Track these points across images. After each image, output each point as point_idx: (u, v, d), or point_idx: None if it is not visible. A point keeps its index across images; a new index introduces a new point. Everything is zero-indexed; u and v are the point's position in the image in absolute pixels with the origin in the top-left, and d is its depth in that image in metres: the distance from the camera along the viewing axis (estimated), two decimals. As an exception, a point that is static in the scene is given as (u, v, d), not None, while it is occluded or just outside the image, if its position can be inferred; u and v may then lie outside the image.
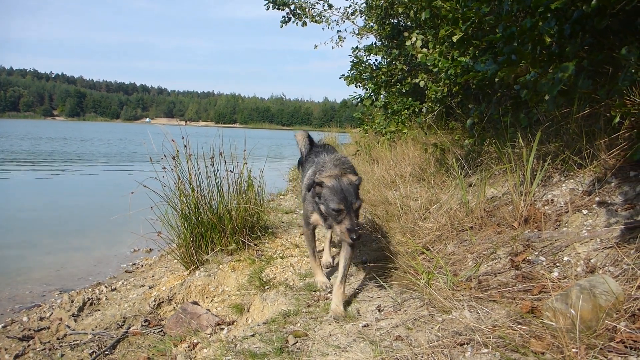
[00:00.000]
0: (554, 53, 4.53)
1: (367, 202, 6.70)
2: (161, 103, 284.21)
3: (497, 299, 3.20)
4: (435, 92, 9.00)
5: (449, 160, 6.46)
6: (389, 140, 10.75)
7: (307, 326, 3.70)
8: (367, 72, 13.75)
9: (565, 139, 4.52)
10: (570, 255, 3.36)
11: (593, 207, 3.70)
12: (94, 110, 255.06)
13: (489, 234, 4.11)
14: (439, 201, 5.16)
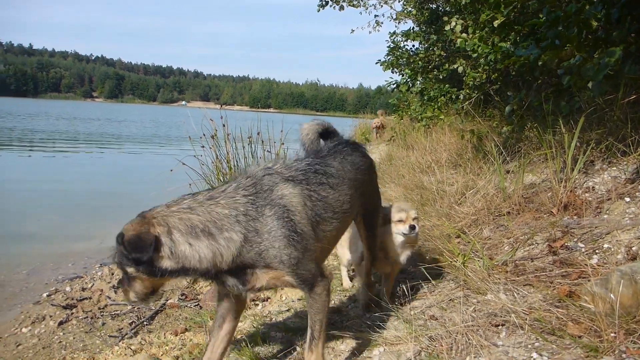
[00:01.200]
0: (601, 38, 4.43)
1: (402, 186, 6.69)
2: (197, 86, 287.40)
3: (533, 283, 3.19)
4: (474, 79, 8.87)
5: (486, 146, 6.39)
6: (425, 126, 10.66)
7: (342, 303, 3.76)
8: (404, 57, 13.63)
9: (609, 126, 4.43)
10: (611, 243, 3.32)
11: (636, 195, 3.63)
12: (132, 93, 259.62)
13: (526, 220, 4.08)
14: (475, 186, 5.13)
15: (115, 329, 4.76)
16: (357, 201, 3.20)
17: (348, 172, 3.13)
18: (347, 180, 3.08)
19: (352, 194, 3.10)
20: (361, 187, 3.25)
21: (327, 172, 2.97)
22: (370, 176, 3.49)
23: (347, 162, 3.19)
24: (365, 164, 3.39)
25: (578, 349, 2.47)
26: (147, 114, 73.53)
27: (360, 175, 3.26)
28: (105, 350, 4.05)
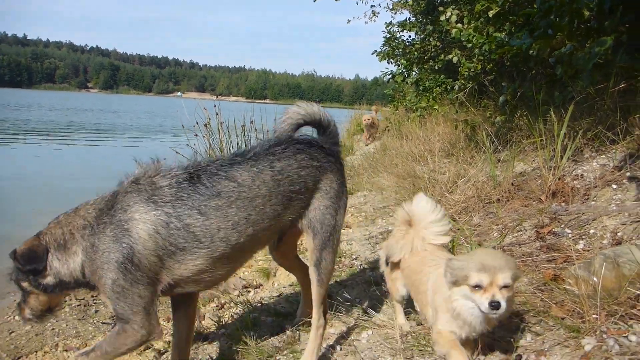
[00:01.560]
0: (592, 27, 4.45)
1: (395, 175, 6.73)
2: (193, 77, 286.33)
3: (520, 267, 3.24)
4: (469, 69, 8.89)
5: (479, 136, 6.43)
6: (420, 116, 10.69)
7: (332, 289, 3.79)
8: (400, 48, 13.62)
9: (599, 115, 4.47)
10: (597, 229, 3.36)
11: (623, 182, 3.68)
12: (127, 83, 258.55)
13: (515, 207, 4.12)
14: (467, 175, 5.17)
15: (107, 316, 4.79)
16: (283, 220, 2.65)
17: (268, 184, 2.54)
18: (256, 197, 2.50)
19: (265, 213, 2.54)
20: (300, 200, 2.69)
21: (213, 189, 2.44)
22: (327, 185, 2.79)
23: (272, 171, 2.58)
24: (316, 171, 2.75)
25: (561, 330, 2.52)
26: (142, 105, 73.23)
27: (297, 187, 2.65)
28: (98, 336, 4.09)
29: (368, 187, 7.21)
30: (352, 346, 2.90)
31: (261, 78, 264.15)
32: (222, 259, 2.47)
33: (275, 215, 2.59)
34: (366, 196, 6.87)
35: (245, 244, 2.51)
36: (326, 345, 2.96)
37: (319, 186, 2.76)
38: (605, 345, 2.30)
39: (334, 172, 2.85)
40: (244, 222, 2.46)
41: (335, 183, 2.83)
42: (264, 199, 2.52)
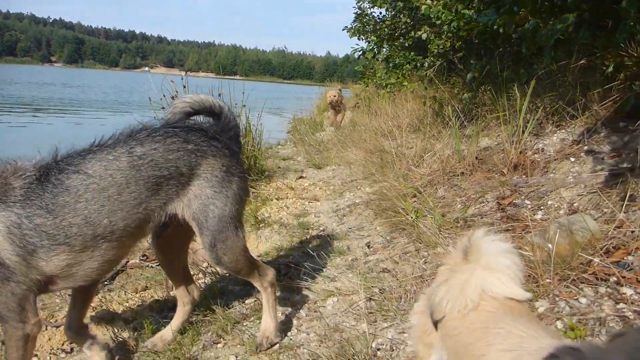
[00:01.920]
0: (556, 4, 4.54)
1: (363, 150, 6.80)
2: (161, 52, 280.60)
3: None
4: (438, 46, 8.97)
5: (446, 112, 6.54)
6: (389, 93, 10.76)
7: (299, 260, 3.86)
8: (371, 24, 13.61)
9: (560, 91, 4.59)
10: (555, 200, 3.49)
11: (581, 156, 3.81)
12: (93, 58, 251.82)
13: (479, 180, 4.23)
14: (433, 149, 5.27)
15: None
16: (151, 207, 2.52)
17: (124, 171, 2.43)
18: (109, 186, 2.40)
19: (122, 201, 2.44)
20: (172, 186, 2.55)
21: (61, 186, 2.36)
22: (209, 172, 2.63)
23: (131, 157, 2.46)
24: (191, 155, 2.59)
25: (517, 295, 2.63)
26: (108, 80, 71.48)
27: (164, 172, 2.51)
28: (65, 308, 4.06)
29: (337, 162, 7.27)
30: (317, 312, 2.98)
31: (231, 54, 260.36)
32: (87, 252, 2.42)
33: (139, 202, 2.47)
34: (334, 170, 6.94)
35: (107, 236, 2.43)
36: (292, 311, 3.03)
37: (197, 172, 2.59)
38: (557, 307, 2.43)
39: (219, 158, 2.65)
40: (96, 215, 2.38)
41: (219, 170, 2.64)
42: (120, 187, 2.42)
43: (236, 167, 2.75)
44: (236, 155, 2.80)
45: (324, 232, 4.53)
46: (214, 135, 2.72)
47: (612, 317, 2.25)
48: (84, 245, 2.40)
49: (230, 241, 2.65)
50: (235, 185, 2.69)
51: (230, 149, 2.74)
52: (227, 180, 2.66)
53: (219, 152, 2.67)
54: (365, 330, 2.58)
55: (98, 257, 2.47)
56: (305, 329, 2.84)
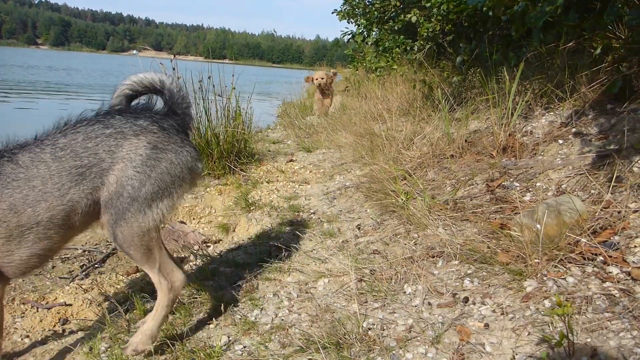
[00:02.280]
0: (545, -14, 4.55)
1: (353, 133, 6.81)
2: (149, 35, 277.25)
3: (470, 218, 3.38)
4: (428, 30, 8.95)
5: (435, 95, 6.54)
6: (379, 76, 10.74)
7: (290, 242, 3.88)
8: (360, 7, 13.52)
9: (549, 74, 4.61)
10: (543, 181, 3.53)
11: (569, 138, 3.85)
12: (80, 40, 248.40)
13: (468, 162, 4.26)
14: (423, 132, 5.28)
15: (65, 272, 4.76)
16: (77, 198, 2.50)
17: (47, 162, 2.47)
18: (34, 177, 2.45)
19: (46, 193, 2.45)
20: (95, 174, 2.50)
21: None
22: (132, 153, 2.53)
23: (54, 148, 2.50)
24: (110, 139, 2.53)
25: (506, 275, 2.68)
26: (96, 63, 70.59)
27: (85, 160, 2.49)
28: (56, 290, 4.07)
29: (327, 145, 7.27)
30: (308, 293, 3.00)
31: (220, 37, 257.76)
32: (12, 241, 2.46)
33: (62, 194, 2.47)
34: (325, 154, 6.94)
35: (32, 225, 2.46)
36: (283, 292, 3.05)
37: (120, 155, 2.52)
38: (544, 286, 2.47)
39: (142, 136, 2.56)
40: (21, 203, 2.42)
41: (144, 148, 2.54)
42: (43, 179, 2.45)
43: (167, 142, 2.61)
44: (170, 130, 2.66)
45: (315, 214, 4.55)
46: (140, 115, 2.64)
47: (599, 295, 2.29)
48: (9, 233, 2.43)
49: (132, 218, 2.51)
50: (165, 162, 2.58)
51: (159, 125, 2.62)
52: (154, 158, 2.55)
53: (142, 130, 2.57)
54: (356, 311, 2.61)
55: (29, 248, 2.49)
56: (296, 310, 2.87)
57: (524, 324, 2.27)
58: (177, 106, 2.78)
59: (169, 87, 2.75)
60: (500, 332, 2.27)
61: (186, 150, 2.67)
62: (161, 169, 2.56)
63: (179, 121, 2.75)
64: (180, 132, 2.72)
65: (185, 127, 2.80)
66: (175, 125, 2.71)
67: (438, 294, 2.71)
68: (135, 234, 2.53)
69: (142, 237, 2.55)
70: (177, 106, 2.78)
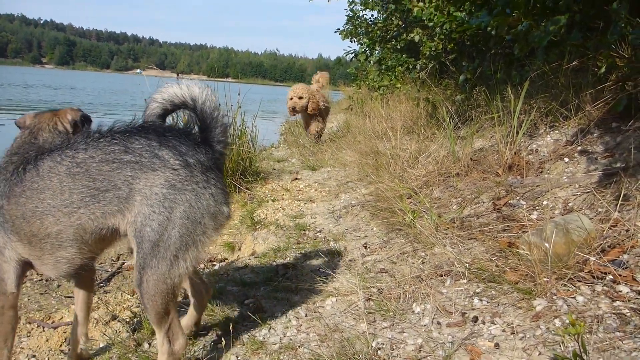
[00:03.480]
0: (548, 6, 4.60)
1: (358, 152, 6.83)
2: (152, 54, 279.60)
3: (477, 237, 3.38)
4: (430, 48, 9.02)
5: (440, 113, 6.58)
6: (382, 95, 10.81)
7: (296, 261, 3.88)
8: (363, 26, 13.66)
9: (553, 92, 4.64)
10: (550, 200, 3.53)
11: (575, 156, 3.86)
12: (84, 59, 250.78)
13: (474, 180, 4.27)
14: (427, 151, 5.30)
15: (71, 291, 4.74)
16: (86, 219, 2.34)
17: (61, 176, 2.35)
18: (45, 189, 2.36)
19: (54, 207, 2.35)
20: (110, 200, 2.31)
21: (20, 176, 2.42)
22: (147, 189, 2.27)
23: (72, 162, 2.35)
24: (128, 168, 2.29)
25: (515, 293, 2.67)
26: (101, 83, 71.08)
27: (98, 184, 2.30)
28: (62, 309, 4.07)
29: (331, 163, 7.29)
30: (316, 312, 2.99)
31: (223, 56, 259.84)
32: (34, 247, 2.44)
33: (70, 211, 2.33)
34: (329, 172, 6.96)
35: (44, 237, 2.39)
36: (291, 311, 3.04)
37: (137, 187, 2.27)
38: (554, 305, 2.46)
39: (161, 172, 2.27)
40: (31, 214, 2.37)
41: (160, 187, 2.26)
42: (54, 192, 2.33)
43: (188, 182, 2.29)
44: (195, 166, 2.32)
45: (321, 233, 4.55)
46: (165, 142, 2.32)
47: (610, 314, 2.28)
48: (29, 239, 2.42)
49: (156, 267, 2.26)
50: (183, 206, 2.26)
51: (183, 159, 2.30)
52: (171, 200, 2.25)
53: (161, 165, 2.27)
54: (365, 330, 2.60)
55: (49, 256, 2.45)
56: (305, 329, 2.85)
57: (534, 344, 2.25)
58: (209, 132, 2.43)
59: (201, 106, 2.40)
60: (511, 352, 2.25)
61: (209, 193, 2.32)
62: (179, 212, 2.26)
63: (209, 154, 2.39)
64: (208, 170, 2.36)
65: (217, 160, 2.42)
66: (204, 159, 2.36)
67: (447, 313, 2.70)
68: (159, 288, 2.28)
69: (165, 295, 2.31)
70: (209, 132, 2.43)
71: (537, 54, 4.42)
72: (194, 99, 2.39)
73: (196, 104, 2.39)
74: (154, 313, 2.33)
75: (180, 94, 2.41)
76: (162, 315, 2.35)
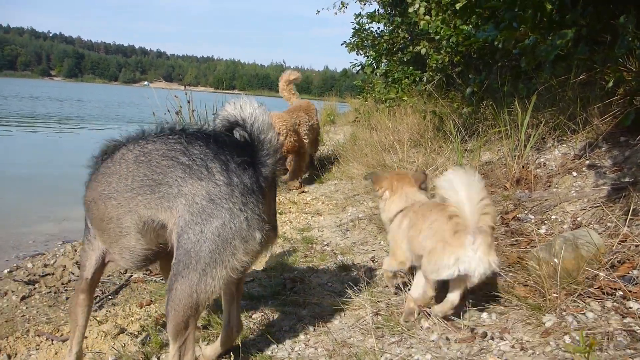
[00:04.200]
0: (555, 20, 4.61)
1: (364, 164, 6.84)
2: (160, 67, 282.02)
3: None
4: (437, 61, 9.06)
5: (446, 126, 6.59)
6: (389, 107, 10.83)
7: (304, 274, 3.88)
8: (369, 39, 13.74)
9: (561, 106, 4.65)
10: (558, 214, 3.52)
11: (583, 170, 3.85)
12: (92, 72, 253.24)
13: (481, 194, 4.26)
14: (435, 164, 5.31)
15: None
16: (143, 208, 2.41)
17: (128, 161, 2.46)
18: (115, 173, 2.49)
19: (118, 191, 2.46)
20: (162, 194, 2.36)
21: (103, 161, 2.61)
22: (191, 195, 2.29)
23: (140, 150, 2.45)
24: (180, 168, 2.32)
25: (524, 309, 2.66)
26: (110, 95, 71.67)
27: (156, 175, 2.37)
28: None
29: (338, 176, 7.31)
30: (324, 327, 2.99)
31: (230, 68, 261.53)
32: (103, 233, 2.59)
33: (131, 197, 2.40)
34: (336, 185, 6.97)
35: (107, 221, 2.50)
36: (300, 326, 3.04)
37: (184, 191, 2.29)
38: (564, 321, 2.45)
39: (205, 182, 2.27)
40: (98, 197, 2.52)
41: (201, 197, 2.26)
42: (120, 177, 2.43)
43: (226, 199, 2.26)
44: (237, 186, 2.28)
45: (328, 246, 4.55)
46: (219, 154, 2.31)
47: (620, 331, 2.27)
48: (98, 225, 2.59)
49: (190, 279, 2.24)
50: (217, 221, 2.23)
51: (227, 177, 2.28)
52: (208, 214, 2.24)
53: (207, 176, 2.27)
54: (374, 346, 2.59)
55: (115, 243, 2.56)
56: (313, 344, 2.85)
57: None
58: (255, 154, 2.37)
59: (250, 127, 2.35)
60: (520, 369, 2.24)
61: (244, 216, 2.26)
62: (213, 227, 2.23)
63: (253, 177, 2.33)
64: (249, 192, 2.30)
65: (260, 183, 2.36)
66: (247, 181, 2.30)
67: (455, 328, 2.69)
68: (184, 299, 2.25)
69: (188, 307, 2.27)
70: (255, 154, 2.37)
71: (545, 68, 4.44)
72: (244, 119, 2.35)
73: (246, 124, 2.35)
74: (173, 323, 2.31)
75: (233, 113, 2.38)
76: (180, 328, 2.32)
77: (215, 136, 2.40)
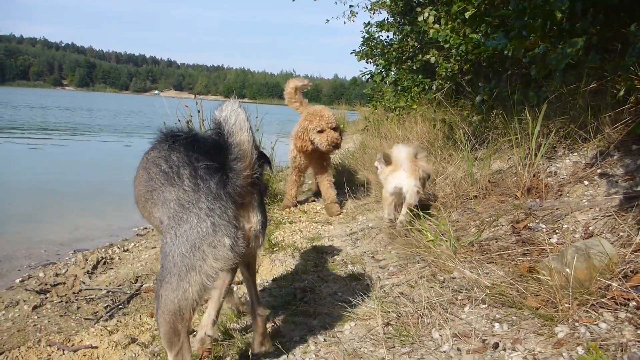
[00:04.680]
0: (565, 29, 4.61)
1: (374, 172, 6.82)
2: (170, 76, 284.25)
3: (497, 261, 3.35)
4: (446, 69, 9.05)
5: (456, 135, 6.57)
6: (398, 116, 10.83)
7: (314, 284, 3.87)
8: (378, 48, 13.77)
9: (572, 114, 4.62)
10: (570, 223, 3.50)
11: (594, 179, 3.83)
12: (104, 81, 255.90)
13: (492, 203, 4.25)
14: (445, 173, 5.29)
15: (90, 312, 4.79)
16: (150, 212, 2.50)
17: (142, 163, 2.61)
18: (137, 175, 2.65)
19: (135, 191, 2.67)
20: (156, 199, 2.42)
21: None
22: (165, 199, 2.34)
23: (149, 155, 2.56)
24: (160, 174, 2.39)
25: (536, 319, 2.64)
26: (120, 104, 72.25)
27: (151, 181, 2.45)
28: (82, 332, 4.09)
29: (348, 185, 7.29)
30: (335, 337, 2.98)
31: (240, 77, 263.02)
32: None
33: (145, 201, 2.50)
34: (347, 193, 6.96)
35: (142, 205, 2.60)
36: (310, 336, 3.03)
37: (164, 196, 2.34)
38: (577, 332, 2.42)
39: (174, 190, 2.30)
40: (135, 185, 2.67)
41: (174, 202, 2.29)
42: (138, 183, 2.59)
43: (193, 204, 2.25)
44: (205, 192, 2.25)
45: (338, 256, 4.54)
46: (194, 159, 2.30)
47: (634, 342, 2.24)
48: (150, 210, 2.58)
49: (165, 286, 2.24)
50: (185, 226, 2.23)
51: (194, 182, 2.27)
52: (179, 218, 2.24)
53: (178, 184, 2.29)
54: (384, 357, 2.58)
55: None
56: (323, 354, 2.84)
57: (557, 372, 2.22)
58: (225, 158, 2.29)
59: (223, 130, 2.26)
60: (533, 380, 2.22)
61: (211, 222, 2.23)
62: (182, 231, 2.23)
63: (221, 182, 2.28)
64: (216, 198, 2.26)
65: (228, 190, 2.29)
66: (214, 187, 2.26)
67: (467, 339, 2.67)
68: (168, 305, 2.25)
69: (173, 313, 2.26)
70: (225, 158, 2.29)
71: (555, 76, 4.42)
72: (220, 121, 2.26)
73: (222, 127, 2.26)
74: (163, 331, 2.29)
75: (216, 115, 2.31)
76: (171, 335, 2.29)
77: (202, 141, 2.37)
